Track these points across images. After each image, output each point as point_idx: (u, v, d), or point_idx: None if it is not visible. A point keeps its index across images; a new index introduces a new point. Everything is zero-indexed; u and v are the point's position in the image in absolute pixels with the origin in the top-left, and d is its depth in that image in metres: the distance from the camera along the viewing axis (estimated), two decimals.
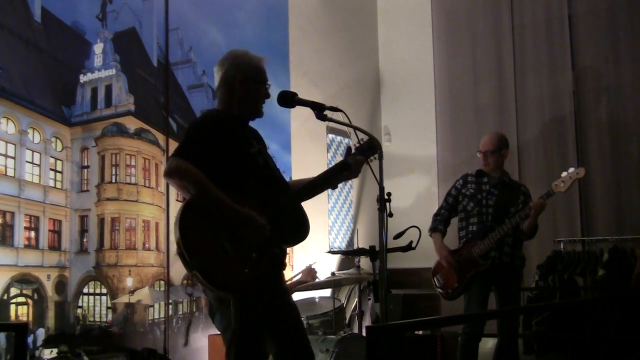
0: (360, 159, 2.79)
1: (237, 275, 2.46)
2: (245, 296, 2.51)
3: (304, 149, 5.54)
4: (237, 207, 2.51)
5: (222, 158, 2.59)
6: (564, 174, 4.09)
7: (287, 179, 3.05)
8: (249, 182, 2.61)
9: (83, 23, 3.88)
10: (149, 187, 4.14)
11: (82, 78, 3.85)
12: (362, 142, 2.82)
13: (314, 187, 2.80)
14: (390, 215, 2.55)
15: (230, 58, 2.81)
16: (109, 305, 3.82)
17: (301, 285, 4.26)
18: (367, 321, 4.86)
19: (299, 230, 2.71)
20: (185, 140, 2.64)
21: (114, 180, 3.93)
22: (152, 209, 4.15)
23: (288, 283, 4.38)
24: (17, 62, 3.49)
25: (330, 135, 6.07)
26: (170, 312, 4.13)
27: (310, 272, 4.31)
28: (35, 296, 3.46)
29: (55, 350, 3.46)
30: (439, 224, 4.32)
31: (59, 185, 3.65)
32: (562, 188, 4.06)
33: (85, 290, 3.71)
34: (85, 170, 3.82)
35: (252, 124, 2.90)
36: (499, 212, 4.12)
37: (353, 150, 2.83)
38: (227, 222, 2.50)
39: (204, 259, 2.41)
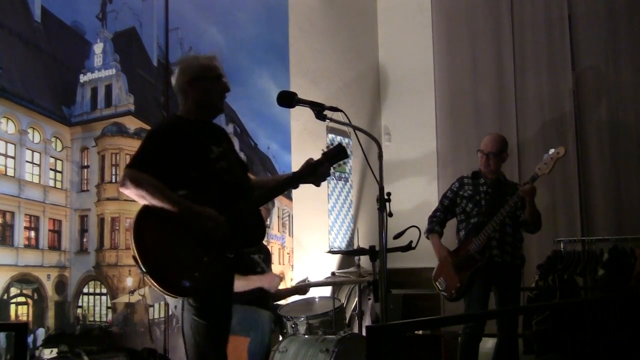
0: (325, 167, 2.79)
1: (186, 278, 2.50)
2: (199, 298, 2.57)
3: (304, 149, 5.54)
4: (195, 207, 2.56)
5: (179, 165, 2.62)
6: (545, 155, 4.10)
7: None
8: (206, 188, 2.64)
9: (83, 23, 3.88)
10: None
11: (82, 78, 3.85)
12: (330, 147, 2.86)
13: (275, 191, 2.88)
14: (390, 215, 2.55)
15: (178, 65, 2.89)
16: (109, 305, 3.82)
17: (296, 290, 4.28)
18: (367, 321, 4.86)
19: (254, 234, 2.75)
20: (139, 150, 2.68)
21: (114, 180, 3.93)
22: None
23: (282, 290, 4.37)
24: (17, 62, 3.49)
25: (330, 135, 6.07)
26: (170, 312, 4.13)
27: (302, 289, 4.31)
28: (35, 296, 3.46)
29: (55, 350, 3.46)
30: (435, 225, 4.32)
31: (59, 185, 3.65)
32: (545, 170, 4.06)
33: (85, 290, 3.71)
34: (85, 170, 3.82)
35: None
36: (492, 209, 4.12)
37: (321, 156, 2.83)
38: (184, 223, 2.54)
39: (156, 263, 2.46)
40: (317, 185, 2.84)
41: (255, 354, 3.67)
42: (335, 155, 2.82)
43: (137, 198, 2.58)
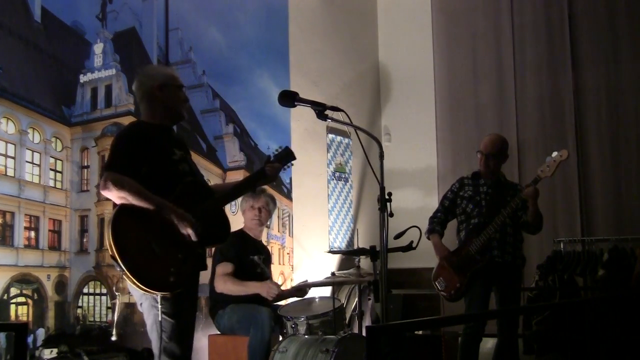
0: (277, 166, 3.06)
1: (164, 274, 2.60)
2: (168, 297, 2.65)
3: (304, 149, 5.54)
4: (176, 208, 2.67)
5: (148, 166, 2.71)
6: (548, 158, 4.09)
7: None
8: (175, 188, 2.73)
9: (83, 23, 3.88)
10: None
11: (82, 78, 3.84)
12: (279, 150, 3.12)
13: (235, 193, 3.05)
14: (391, 215, 2.55)
15: (143, 73, 3.00)
16: (109, 305, 3.82)
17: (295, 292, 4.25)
18: (367, 321, 4.85)
19: (220, 232, 2.90)
20: (112, 154, 2.76)
21: None
22: None
23: (282, 290, 4.36)
24: (17, 62, 3.49)
25: (331, 135, 6.06)
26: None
27: (300, 290, 4.29)
28: (35, 296, 3.46)
29: (55, 350, 3.46)
30: (436, 226, 4.31)
31: (59, 185, 3.65)
32: (548, 173, 4.06)
33: (85, 290, 3.71)
34: (85, 170, 3.81)
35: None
36: (493, 210, 4.12)
37: (272, 158, 3.08)
38: (158, 221, 2.62)
39: (134, 260, 2.53)
40: (272, 182, 3.18)
41: (256, 352, 3.66)
42: (284, 157, 3.10)
43: (118, 199, 2.65)
